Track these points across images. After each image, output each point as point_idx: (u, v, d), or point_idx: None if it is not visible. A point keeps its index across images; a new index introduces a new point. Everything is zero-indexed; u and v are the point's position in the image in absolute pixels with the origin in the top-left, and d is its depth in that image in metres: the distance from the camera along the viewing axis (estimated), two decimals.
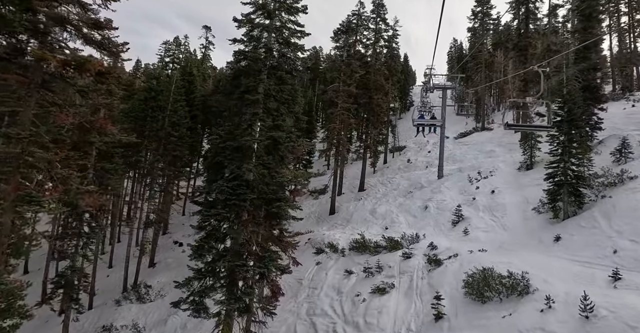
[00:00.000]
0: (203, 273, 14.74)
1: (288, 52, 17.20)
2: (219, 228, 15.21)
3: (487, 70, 56.44)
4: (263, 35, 16.97)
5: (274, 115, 16.41)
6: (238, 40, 16.69)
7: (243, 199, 14.84)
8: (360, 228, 31.68)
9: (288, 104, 16.79)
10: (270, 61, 17.04)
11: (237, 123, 16.13)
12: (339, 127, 38.85)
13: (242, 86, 16.16)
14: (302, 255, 28.63)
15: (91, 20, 13.42)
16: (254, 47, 16.88)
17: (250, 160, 15.59)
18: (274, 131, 15.94)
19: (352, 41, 43.69)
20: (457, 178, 34.07)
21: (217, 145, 15.41)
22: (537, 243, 20.03)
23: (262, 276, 15.03)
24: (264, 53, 16.81)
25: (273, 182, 15.39)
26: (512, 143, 41.83)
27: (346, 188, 45.24)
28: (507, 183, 28.58)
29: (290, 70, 17.27)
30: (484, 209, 26.04)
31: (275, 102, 16.46)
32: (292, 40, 17.16)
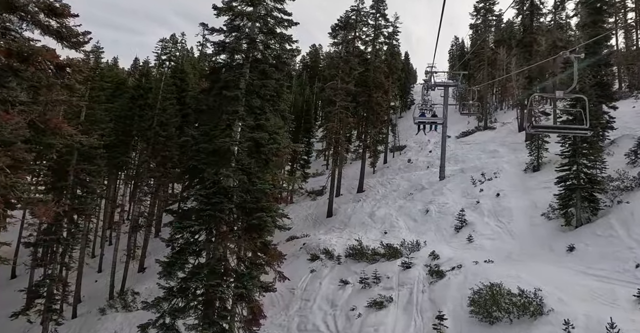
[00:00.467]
0: (174, 293, 12.97)
1: (274, 43, 15.39)
2: (193, 242, 13.43)
3: (490, 68, 54.50)
4: (246, 25, 15.14)
5: (257, 113, 14.63)
6: (217, 29, 14.85)
7: (220, 209, 13.07)
8: (358, 232, 29.90)
9: (273, 101, 14.96)
10: (253, 53, 15.25)
11: (215, 123, 14.37)
12: (337, 126, 37.03)
13: (221, 81, 14.41)
14: (296, 261, 26.93)
15: (45, 5, 11.63)
16: (236, 38, 15.09)
17: (229, 164, 13.82)
18: (257, 132, 14.13)
19: (350, 37, 41.81)
20: (460, 180, 32.24)
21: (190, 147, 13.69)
22: (548, 253, 18.23)
23: (240, 297, 13.26)
24: (246, 44, 15.01)
25: (254, 189, 13.59)
26: (515, 143, 39.97)
27: (345, 189, 43.43)
28: (513, 185, 26.74)
29: (275, 63, 15.46)
30: (489, 214, 24.22)
31: (259, 99, 14.67)
32: (278, 30, 15.34)
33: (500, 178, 28.73)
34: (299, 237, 32.23)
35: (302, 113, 47.32)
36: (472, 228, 23.33)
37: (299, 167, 47.24)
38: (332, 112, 37.70)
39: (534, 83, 39.11)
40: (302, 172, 47.28)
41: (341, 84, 37.29)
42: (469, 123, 59.07)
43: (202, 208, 12.93)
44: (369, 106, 41.99)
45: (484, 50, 55.04)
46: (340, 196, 41.51)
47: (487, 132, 48.64)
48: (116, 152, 30.93)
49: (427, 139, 55.35)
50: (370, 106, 41.94)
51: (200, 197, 12.90)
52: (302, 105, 48.04)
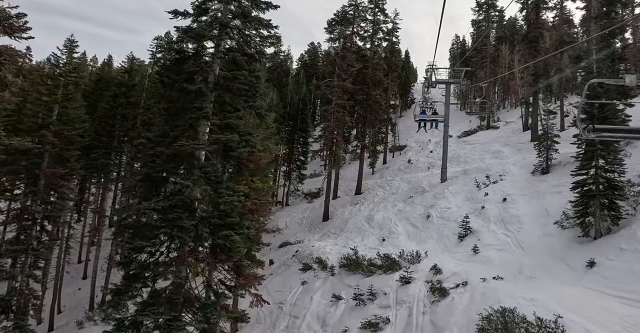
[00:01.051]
0: (124, 329, 10.74)
1: (249, 29, 13.09)
2: (148, 266, 11.21)
3: (493, 65, 52.10)
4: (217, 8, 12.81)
5: (227, 111, 12.38)
6: (181, 12, 12.55)
7: (178, 226, 10.84)
8: (354, 238, 27.71)
9: (246, 96, 12.69)
10: (225, 40, 12.99)
11: (176, 123, 12.14)
12: (333, 125, 34.74)
13: (184, 73, 12.17)
14: (286, 271, 24.76)
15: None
16: (207, 24, 12.80)
17: (192, 172, 11.57)
18: (226, 132, 11.84)
19: (348, 33, 39.52)
20: (463, 182, 29.94)
21: (144, 152, 11.49)
22: (564, 269, 15.94)
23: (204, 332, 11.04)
24: (216, 30, 12.72)
25: (221, 201, 11.35)
26: (520, 143, 37.62)
27: (342, 191, 41.15)
28: (521, 189, 24.41)
29: (250, 52, 13.17)
30: (496, 221, 21.93)
31: (229, 93, 12.42)
32: (254, 13, 13.05)
33: (506, 181, 26.41)
34: (292, 243, 30.04)
35: (299, 112, 45.01)
36: (477, 236, 21.05)
37: (295, 168, 44.94)
38: (328, 111, 35.43)
39: (540, 80, 36.73)
40: (298, 173, 44.99)
41: (338, 81, 35.01)
42: (470, 122, 56.70)
43: (157, 225, 10.70)
44: (367, 104, 39.67)
45: (486, 47, 52.70)
46: (338, 198, 39.27)
47: (490, 132, 46.27)
48: (97, 153, 28.71)
49: (427, 138, 53.11)
50: (368, 104, 39.61)
51: (154, 212, 10.72)
52: (298, 103, 45.72)
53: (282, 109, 45.93)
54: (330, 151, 35.64)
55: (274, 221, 38.19)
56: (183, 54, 12.52)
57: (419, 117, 28.02)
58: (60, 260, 26.78)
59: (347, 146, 50.11)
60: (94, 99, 37.43)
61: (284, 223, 36.64)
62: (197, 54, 12.60)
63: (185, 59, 12.42)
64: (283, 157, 45.50)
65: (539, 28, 37.74)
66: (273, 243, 32.44)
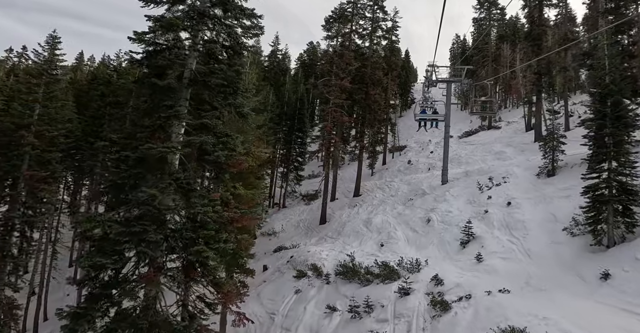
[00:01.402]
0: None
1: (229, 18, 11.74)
2: (112, 284, 9.87)
3: (494, 64, 50.74)
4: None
5: (203, 110, 11.05)
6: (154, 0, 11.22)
7: (144, 240, 9.54)
8: (352, 243, 26.43)
9: (225, 93, 11.36)
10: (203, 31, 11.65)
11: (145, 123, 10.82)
12: (331, 125, 33.43)
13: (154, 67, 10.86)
14: (280, 278, 23.46)
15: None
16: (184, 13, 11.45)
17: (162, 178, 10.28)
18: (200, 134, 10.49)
19: (347, 31, 38.25)
20: (464, 185, 28.61)
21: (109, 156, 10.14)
22: (576, 281, 14.61)
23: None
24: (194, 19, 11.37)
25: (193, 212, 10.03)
26: (524, 143, 36.29)
27: (340, 193, 39.85)
28: (526, 192, 23.08)
29: (230, 44, 11.82)
30: (500, 226, 20.60)
31: (206, 90, 11.09)
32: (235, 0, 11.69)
33: (510, 184, 25.08)
34: (287, 247, 28.78)
35: (296, 112, 43.67)
36: (480, 243, 19.72)
37: (293, 169, 43.64)
38: (326, 111, 34.14)
39: (543, 79, 35.39)
40: (295, 174, 43.68)
41: (335, 79, 33.71)
42: (471, 122, 55.42)
43: (118, 239, 9.36)
44: (366, 104, 38.35)
45: (487, 46, 51.34)
46: (336, 200, 37.98)
47: (492, 132, 44.93)
48: (83, 155, 27.39)
49: (428, 139, 51.86)
50: (367, 104, 38.29)
51: (116, 224, 9.35)
52: (295, 103, 44.38)
53: (279, 109, 44.66)
54: (328, 152, 34.32)
55: (270, 224, 36.93)
56: (156, 46, 11.23)
57: (419, 116, 26.92)
58: (46, 266, 25.50)
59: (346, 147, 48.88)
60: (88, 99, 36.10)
61: (281, 226, 35.36)
62: (173, 46, 11.27)
63: (158, 52, 11.12)
64: (280, 158, 44.23)
65: (542, 25, 36.35)
66: (268, 247, 31.18)
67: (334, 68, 33.92)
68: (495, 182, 26.14)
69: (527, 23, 40.03)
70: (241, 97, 11.50)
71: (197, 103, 11.33)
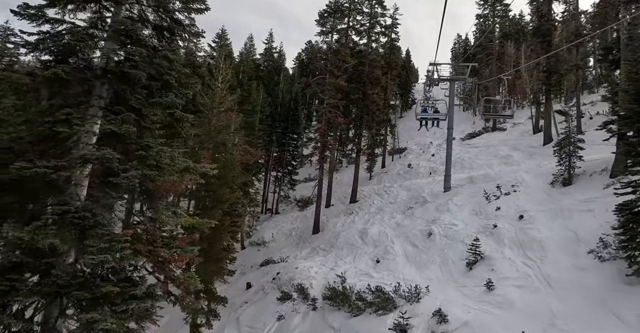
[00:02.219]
0: None
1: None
2: None
3: (499, 62, 47.70)
4: None
5: (115, 112, 8.19)
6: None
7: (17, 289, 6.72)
8: (345, 257, 23.58)
9: (150, 89, 8.54)
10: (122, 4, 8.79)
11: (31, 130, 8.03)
12: (325, 127, 30.54)
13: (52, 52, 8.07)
14: (263, 300, 20.63)
15: None
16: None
17: (44, 210, 7.52)
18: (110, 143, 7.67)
19: (344, 26, 35.29)
20: (469, 192, 25.71)
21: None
22: (611, 321, 11.65)
23: None
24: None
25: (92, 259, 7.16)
26: (532, 147, 33.31)
27: (337, 198, 37.01)
28: (540, 204, 20.10)
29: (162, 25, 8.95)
30: (512, 245, 17.65)
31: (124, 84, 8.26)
32: None
33: (520, 193, 22.13)
34: (275, 261, 25.90)
35: (290, 113, 40.76)
36: (489, 264, 16.79)
37: (286, 174, 40.74)
38: (320, 112, 31.26)
39: (553, 77, 32.40)
40: (289, 178, 40.79)
41: (330, 78, 30.80)
42: (474, 123, 52.52)
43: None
44: (364, 104, 35.45)
45: (491, 44, 48.29)
46: (331, 207, 35.16)
47: (497, 134, 41.91)
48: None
49: (429, 141, 48.92)
50: (364, 104, 35.39)
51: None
52: (289, 103, 41.47)
53: (273, 109, 41.78)
54: (322, 155, 31.42)
55: (260, 232, 34.16)
56: (57, 24, 8.35)
57: (421, 115, 25.43)
58: None
59: (344, 149, 46.02)
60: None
61: (271, 235, 32.53)
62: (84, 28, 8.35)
63: (62, 34, 8.22)
64: (274, 162, 41.34)
65: (551, 20, 33.37)
66: (256, 259, 28.33)
67: (329, 65, 31.04)
68: (503, 190, 23.19)
69: (535, 18, 37.07)
70: (175, 95, 8.61)
71: (117, 102, 8.43)
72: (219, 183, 16.05)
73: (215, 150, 16.68)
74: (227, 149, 16.58)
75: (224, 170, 15.91)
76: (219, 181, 15.96)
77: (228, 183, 16.91)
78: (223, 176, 16.08)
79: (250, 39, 57.01)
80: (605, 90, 41.69)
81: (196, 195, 17.32)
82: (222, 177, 16.02)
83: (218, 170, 16.68)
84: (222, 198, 16.35)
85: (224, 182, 16.46)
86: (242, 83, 29.71)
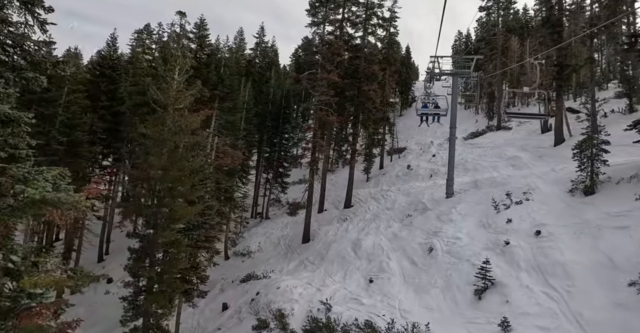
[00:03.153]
0: None
1: None
2: None
3: (503, 57, 44.33)
4: None
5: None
6: None
7: None
8: (335, 273, 20.53)
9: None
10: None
11: None
12: (314, 126, 27.36)
13: None
14: (237, 327, 17.58)
15: None
16: None
17: None
18: None
19: (338, 18, 32.01)
20: (474, 200, 22.57)
21: None
22: None
23: None
24: None
25: None
26: (540, 147, 29.98)
27: (330, 202, 33.87)
28: (559, 216, 16.92)
29: None
30: (529, 268, 14.49)
31: None
32: None
33: (534, 202, 18.95)
34: (258, 276, 22.77)
35: (281, 111, 37.51)
36: (503, 293, 13.66)
37: (278, 175, 37.55)
38: (309, 109, 28.07)
39: (565, 72, 29.08)
40: (280, 181, 37.62)
41: (322, 73, 27.57)
42: (477, 122, 49.26)
43: None
44: (359, 102, 32.20)
45: (495, 37, 44.90)
46: (324, 212, 32.04)
47: (501, 133, 38.57)
48: None
49: (429, 140, 45.71)
50: (360, 102, 32.14)
51: None
52: (280, 101, 38.22)
53: (265, 107, 38.58)
54: (313, 157, 28.24)
55: (246, 240, 31.05)
56: None
57: (421, 110, 23.58)
58: None
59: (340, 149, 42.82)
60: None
61: (257, 245, 29.40)
62: None
63: None
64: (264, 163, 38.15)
65: (563, 10, 30.04)
66: (238, 272, 25.22)
67: (320, 59, 27.79)
68: (514, 198, 20.03)
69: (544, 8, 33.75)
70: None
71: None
72: (170, 196, 12.99)
73: (170, 155, 13.56)
74: (179, 155, 13.44)
75: (174, 183, 12.82)
76: (171, 194, 12.89)
77: (184, 196, 13.82)
78: (175, 188, 13.02)
79: (240, 33, 53.62)
80: (617, 86, 38.44)
81: (145, 211, 14.23)
82: (174, 189, 12.97)
83: (171, 182, 13.64)
84: (175, 216, 13.27)
85: (179, 195, 13.40)
86: (223, 78, 26.49)
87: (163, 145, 13.30)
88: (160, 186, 13.21)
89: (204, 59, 25.21)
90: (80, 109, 22.93)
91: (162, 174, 13.11)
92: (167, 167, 13.05)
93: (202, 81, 23.84)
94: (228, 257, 28.94)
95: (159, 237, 12.98)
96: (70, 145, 21.26)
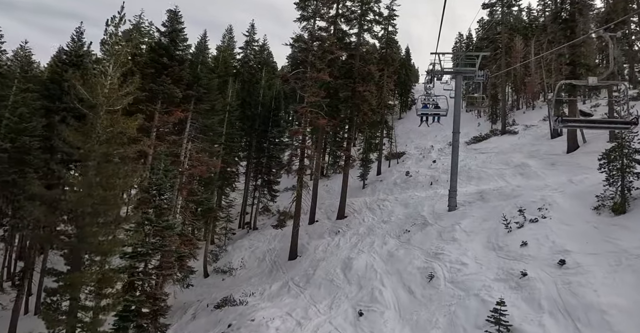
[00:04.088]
0: None
1: None
2: None
3: (508, 57, 41.32)
4: None
5: None
6: None
7: None
8: (320, 302, 17.59)
9: None
10: None
11: None
12: (303, 130, 24.37)
13: None
14: None
15: None
16: None
17: None
18: None
19: (332, 14, 29.07)
20: (481, 214, 19.60)
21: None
22: None
23: None
24: None
25: None
26: (552, 154, 26.98)
27: (323, 212, 30.83)
28: (586, 242, 13.88)
29: None
30: (554, 309, 11.44)
31: None
32: None
33: (553, 221, 15.93)
34: (235, 301, 19.69)
35: (270, 112, 34.48)
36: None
37: (265, 184, 34.52)
38: (299, 112, 25.12)
39: (579, 70, 26.06)
40: (268, 188, 34.59)
41: (311, 71, 24.60)
42: (479, 125, 46.22)
43: None
44: (354, 103, 29.20)
45: (499, 36, 41.88)
46: (315, 223, 29.02)
47: (507, 137, 35.46)
48: None
49: (429, 144, 42.70)
50: (354, 103, 29.14)
51: None
52: (270, 102, 35.20)
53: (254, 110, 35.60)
54: (302, 165, 25.23)
55: (230, 254, 28.03)
56: None
57: (421, 111, 22.00)
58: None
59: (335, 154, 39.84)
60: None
61: (240, 260, 26.37)
62: None
63: None
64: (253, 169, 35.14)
65: (576, 3, 27.04)
66: (216, 294, 22.11)
67: (310, 57, 24.82)
68: (528, 215, 17.04)
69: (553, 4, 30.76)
70: None
71: None
72: (90, 227, 10.07)
73: (99, 170, 10.63)
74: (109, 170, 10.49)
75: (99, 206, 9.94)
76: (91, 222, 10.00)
77: (107, 224, 10.86)
78: (95, 216, 10.13)
79: (230, 31, 50.56)
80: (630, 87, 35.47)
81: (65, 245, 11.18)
82: (95, 216, 10.08)
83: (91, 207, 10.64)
84: (100, 249, 10.33)
85: (104, 224, 10.50)
86: (200, 77, 23.56)
87: (88, 157, 10.39)
88: (80, 209, 10.26)
89: (178, 55, 22.31)
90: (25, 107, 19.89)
91: (81, 195, 10.19)
92: (90, 184, 10.12)
93: (172, 79, 21.03)
94: (208, 275, 25.91)
95: (80, 276, 10.02)
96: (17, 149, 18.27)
